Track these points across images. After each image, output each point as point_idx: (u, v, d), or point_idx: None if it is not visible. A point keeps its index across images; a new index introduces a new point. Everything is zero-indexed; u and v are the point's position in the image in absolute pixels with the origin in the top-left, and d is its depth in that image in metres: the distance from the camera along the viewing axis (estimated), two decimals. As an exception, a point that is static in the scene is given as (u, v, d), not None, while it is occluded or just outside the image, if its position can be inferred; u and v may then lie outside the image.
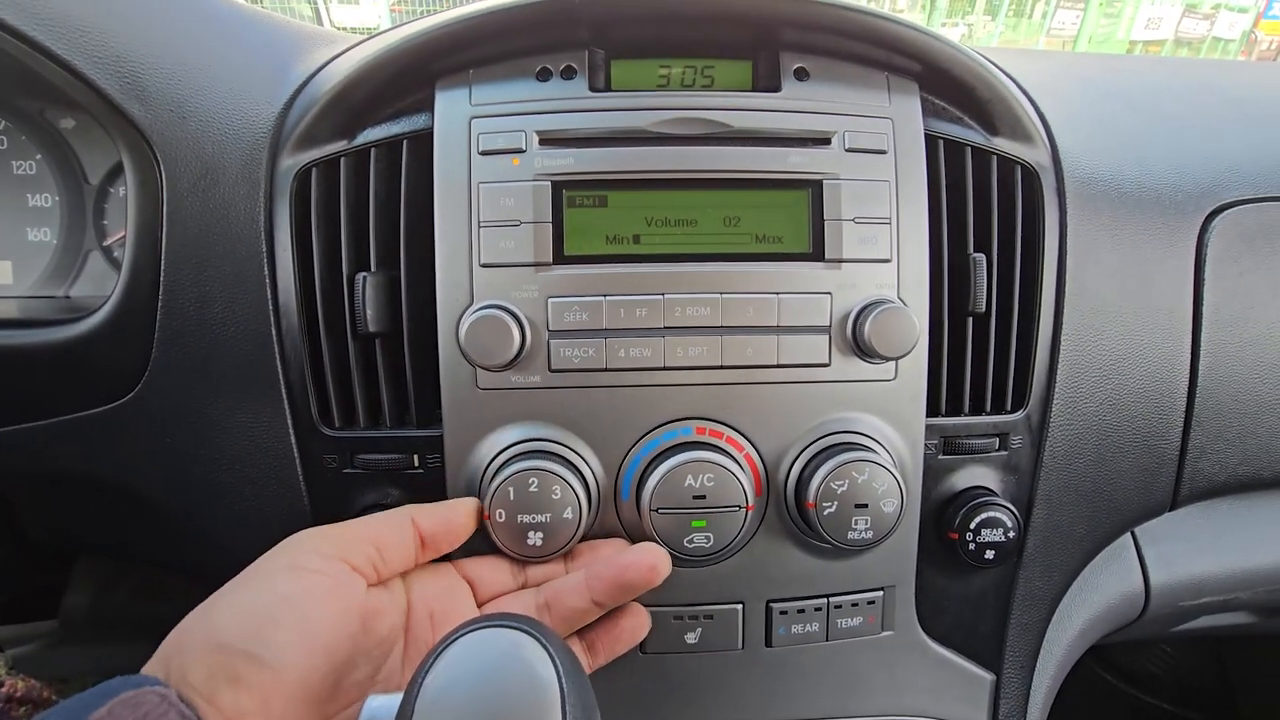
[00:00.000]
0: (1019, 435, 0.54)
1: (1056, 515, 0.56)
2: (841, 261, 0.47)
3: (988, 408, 0.53)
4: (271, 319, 0.49)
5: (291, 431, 0.50)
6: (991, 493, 0.52)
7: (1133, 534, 0.65)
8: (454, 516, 0.44)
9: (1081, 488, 0.57)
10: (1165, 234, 0.58)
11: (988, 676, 0.56)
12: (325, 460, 0.50)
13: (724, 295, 0.46)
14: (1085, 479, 0.57)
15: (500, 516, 0.44)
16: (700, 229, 0.47)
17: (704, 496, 0.45)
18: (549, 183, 0.46)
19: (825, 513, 0.45)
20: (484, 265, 0.46)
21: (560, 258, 0.46)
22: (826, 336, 0.47)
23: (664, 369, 0.46)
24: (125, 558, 0.59)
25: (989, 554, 0.51)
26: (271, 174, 0.49)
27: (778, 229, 0.47)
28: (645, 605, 0.49)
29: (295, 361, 0.50)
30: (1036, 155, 0.53)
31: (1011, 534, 0.50)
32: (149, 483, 0.52)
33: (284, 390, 0.50)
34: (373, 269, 0.48)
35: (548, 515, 0.44)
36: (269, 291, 0.49)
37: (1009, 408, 0.54)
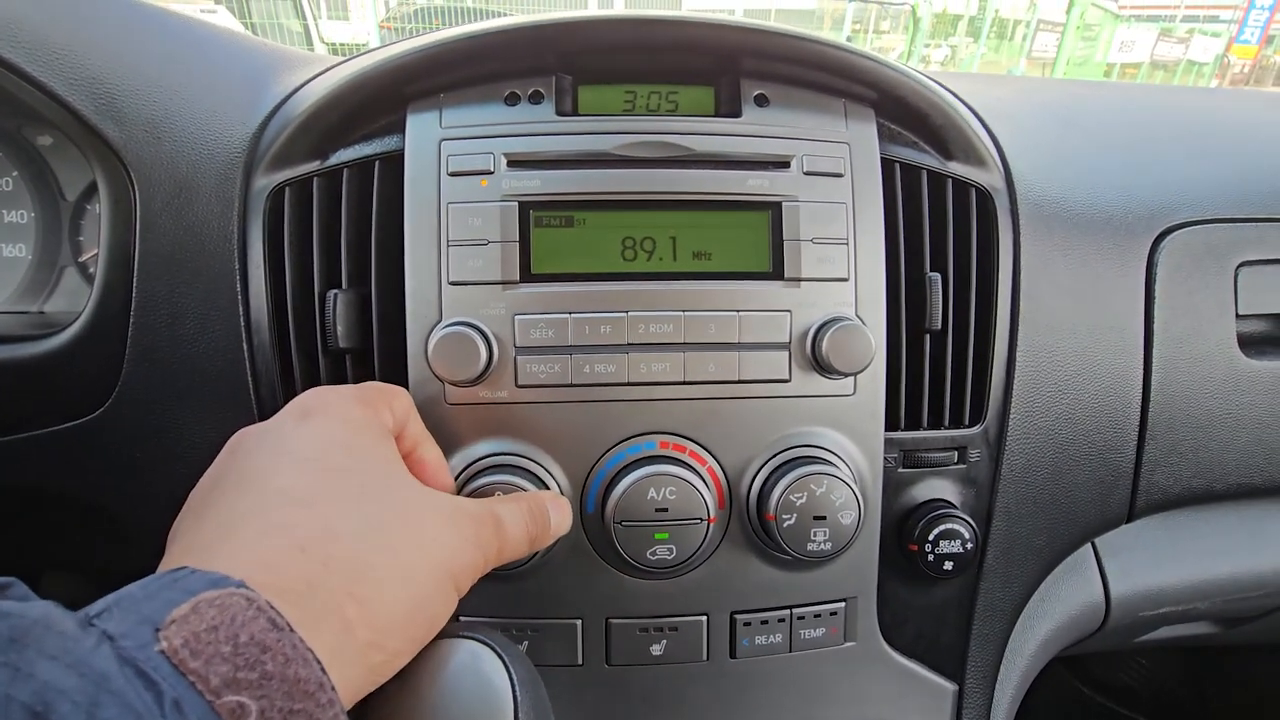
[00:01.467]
0: (977, 449, 0.55)
1: (1015, 527, 0.58)
2: (800, 280, 0.49)
3: (946, 422, 0.54)
4: (243, 335, 0.50)
5: (262, 447, 0.50)
6: (951, 505, 0.54)
7: (1093, 545, 0.67)
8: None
9: (1040, 500, 0.58)
10: (1116, 254, 0.60)
11: (950, 687, 0.57)
12: (295, 475, 0.51)
13: (686, 313, 0.47)
14: (1043, 491, 0.58)
15: (466, 529, 0.44)
16: (663, 249, 0.48)
17: (666, 509, 0.45)
18: (516, 203, 0.47)
19: (785, 524, 0.46)
20: (453, 283, 0.47)
21: (527, 276, 0.47)
22: (786, 353, 0.48)
23: (628, 384, 0.47)
24: (92, 572, 0.59)
25: (947, 565, 0.52)
26: (245, 193, 0.50)
27: (739, 249, 0.49)
28: (612, 619, 0.50)
29: (266, 377, 0.50)
30: (990, 178, 0.55)
31: (969, 545, 0.52)
32: (118, 498, 0.52)
33: (254, 406, 0.50)
34: (344, 286, 0.49)
35: (512, 528, 0.44)
36: (241, 308, 0.50)
37: (967, 422, 0.55)
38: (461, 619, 0.50)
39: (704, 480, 0.47)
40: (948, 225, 0.54)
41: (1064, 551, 0.62)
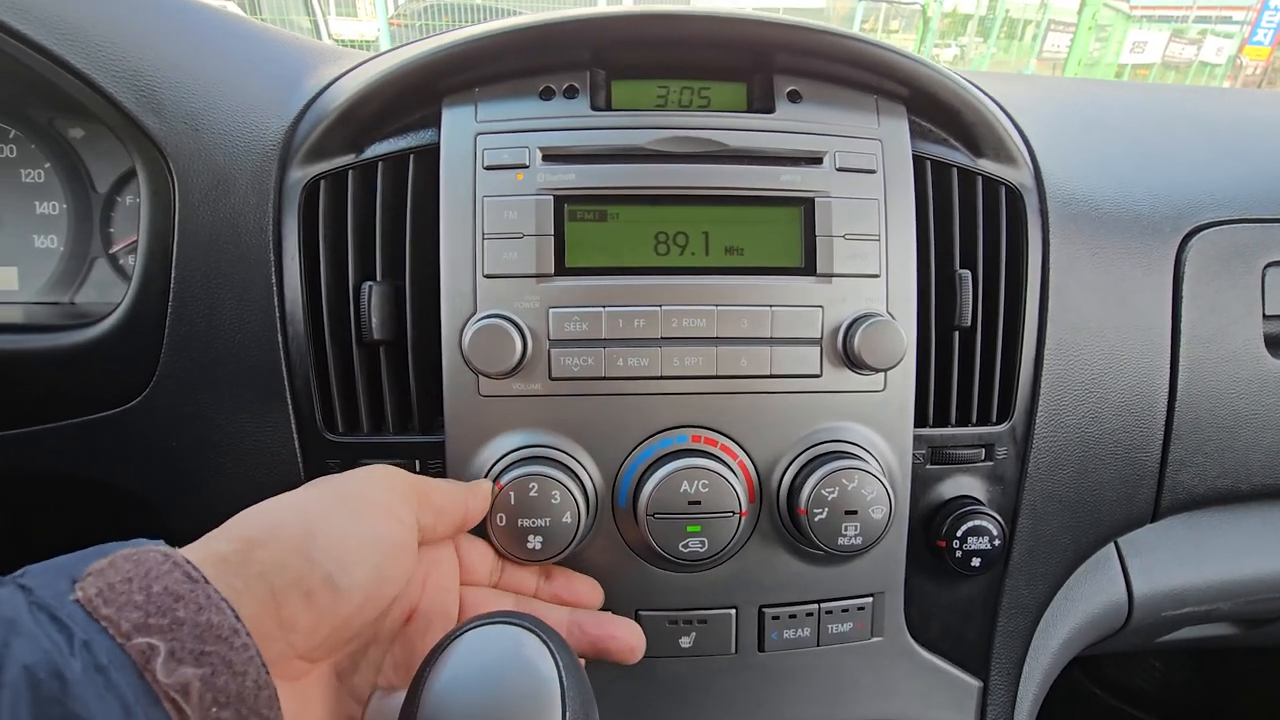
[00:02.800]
0: (1004, 446, 0.56)
1: (1041, 525, 0.58)
2: (832, 276, 0.49)
3: (974, 419, 0.55)
4: (278, 326, 0.50)
5: (295, 436, 0.51)
6: (978, 502, 0.54)
7: (1116, 545, 0.67)
8: (481, 503, 0.45)
9: (1065, 498, 0.58)
10: (1144, 254, 0.60)
11: (975, 683, 0.57)
12: (329, 465, 0.51)
13: (719, 307, 0.48)
14: (1069, 489, 0.58)
15: (501, 520, 0.45)
16: (696, 243, 0.49)
17: (699, 502, 0.46)
18: (551, 197, 0.48)
19: (816, 519, 0.46)
20: (488, 276, 0.47)
21: (561, 269, 0.48)
22: (818, 348, 0.49)
23: (660, 378, 0.48)
24: None
25: (975, 562, 0.52)
26: (280, 185, 0.51)
27: (771, 244, 0.49)
28: (642, 610, 0.50)
29: (300, 368, 0.51)
30: (1020, 176, 0.55)
31: (997, 542, 0.52)
32: (153, 486, 0.53)
33: (289, 396, 0.51)
34: (378, 279, 0.50)
35: (547, 520, 0.45)
36: (276, 300, 0.50)
37: (994, 419, 0.55)
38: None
39: (735, 474, 0.47)
40: (978, 222, 0.54)
41: (1088, 550, 0.62)
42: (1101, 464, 0.59)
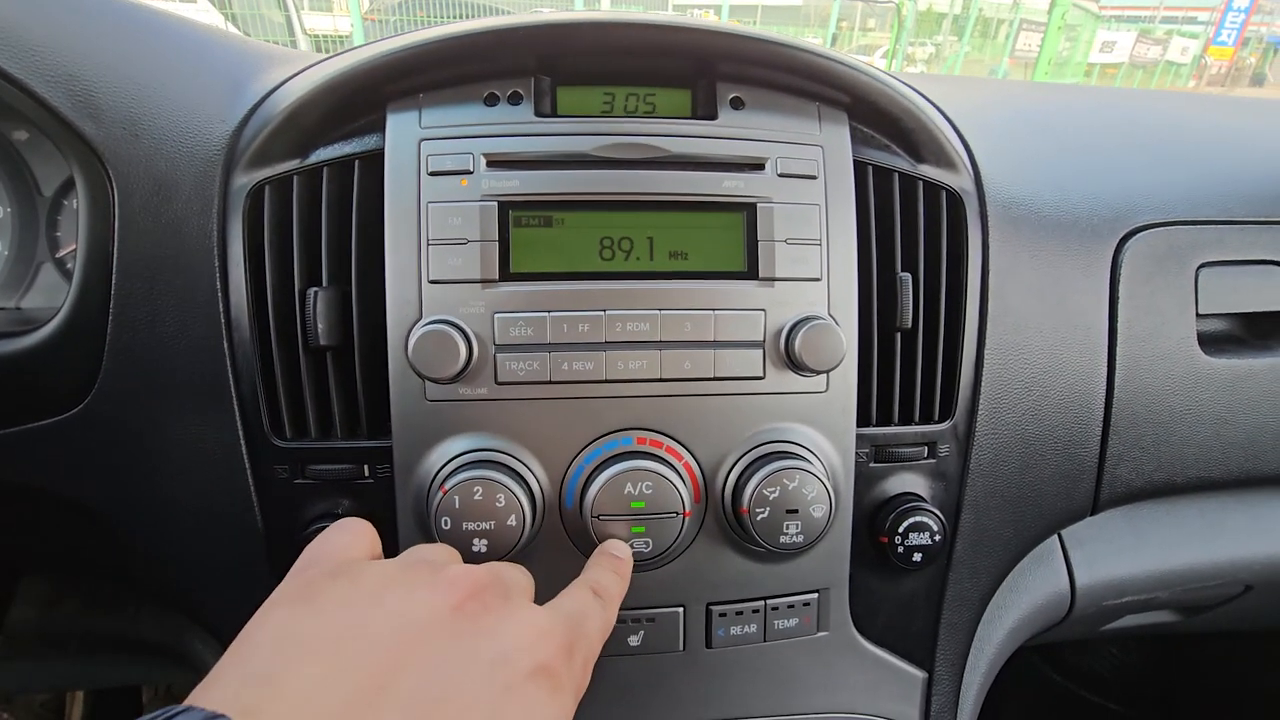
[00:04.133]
0: (946, 444, 0.57)
1: (983, 519, 0.60)
2: (774, 280, 0.50)
3: (916, 418, 0.56)
4: (224, 333, 0.50)
5: (243, 443, 0.51)
6: (920, 499, 0.55)
7: (1059, 537, 0.69)
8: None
9: (1007, 493, 0.60)
10: (1083, 255, 0.62)
11: (920, 674, 0.59)
12: (276, 471, 0.51)
13: (663, 311, 0.48)
14: (1010, 485, 0.60)
15: (446, 524, 0.45)
16: (641, 249, 0.49)
17: (643, 504, 0.47)
18: (495, 203, 0.48)
19: (758, 518, 0.47)
20: (433, 281, 0.48)
21: (506, 275, 0.48)
22: (760, 351, 0.50)
23: (605, 381, 0.48)
24: (73, 571, 0.59)
25: (917, 556, 0.53)
26: (225, 191, 0.50)
27: (714, 249, 0.50)
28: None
29: (247, 374, 0.51)
30: (960, 181, 0.57)
31: (938, 537, 0.53)
32: (97, 495, 0.52)
33: (235, 402, 0.51)
34: (324, 284, 0.50)
35: (491, 523, 0.45)
36: (221, 306, 0.50)
37: (937, 418, 0.57)
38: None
39: (680, 475, 0.48)
40: (919, 227, 0.55)
41: (1030, 543, 0.64)
42: (1042, 460, 0.61)
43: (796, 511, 0.48)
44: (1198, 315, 0.65)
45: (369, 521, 0.40)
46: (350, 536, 0.38)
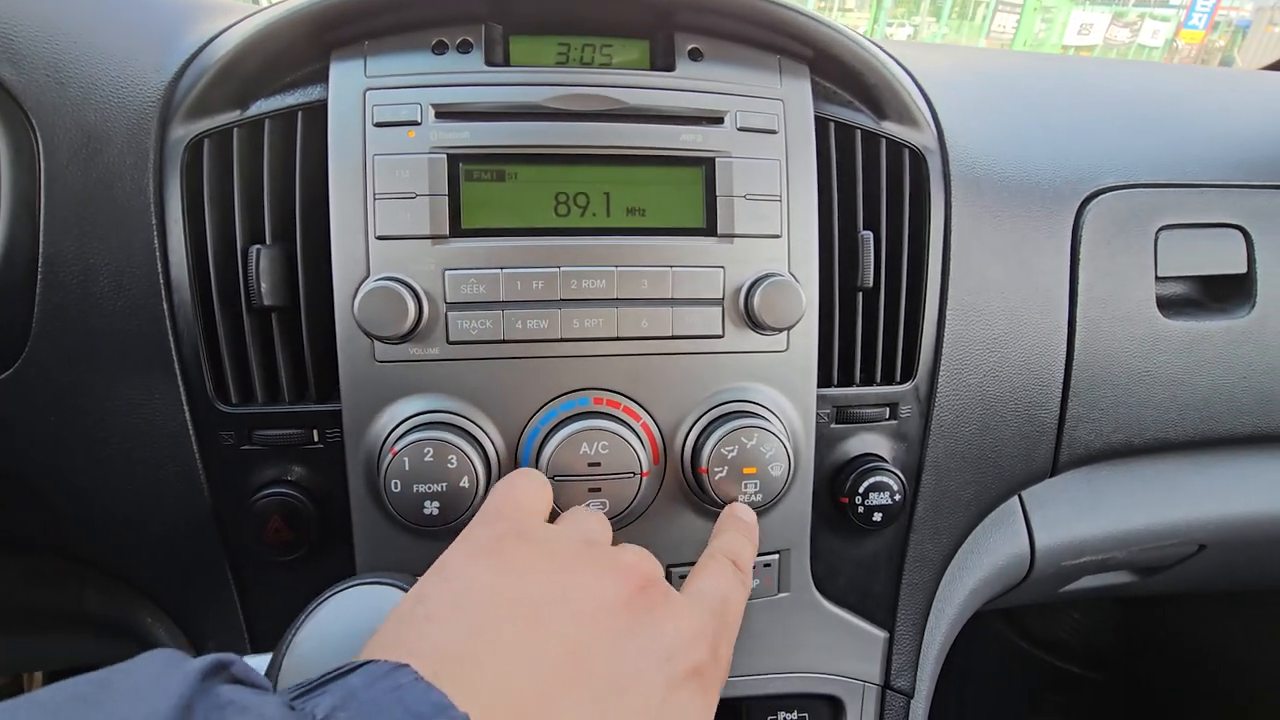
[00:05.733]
0: (908, 405, 0.57)
1: (945, 480, 0.60)
2: (734, 237, 0.49)
3: (878, 379, 0.56)
4: (163, 293, 0.48)
5: (186, 409, 0.49)
6: (881, 459, 0.55)
7: (1020, 499, 0.69)
8: None
9: (968, 454, 0.60)
10: (1044, 217, 0.62)
11: (880, 634, 0.59)
12: (222, 437, 0.49)
13: (619, 268, 0.47)
14: (971, 446, 0.60)
15: (396, 487, 0.44)
16: (597, 204, 0.48)
17: (599, 464, 0.46)
18: (444, 156, 0.46)
19: (716, 477, 0.47)
20: (380, 238, 0.46)
21: (458, 231, 0.46)
22: (720, 309, 0.49)
23: (561, 340, 0.47)
24: (10, 544, 0.57)
25: (877, 516, 0.53)
26: (161, 144, 0.48)
27: (672, 205, 0.49)
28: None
29: (189, 337, 0.49)
30: (923, 139, 0.56)
31: (898, 497, 0.53)
32: (33, 466, 0.50)
33: (177, 366, 0.49)
34: (268, 242, 0.48)
35: (444, 485, 0.44)
36: (160, 265, 0.48)
37: (898, 379, 0.56)
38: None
39: (638, 435, 0.47)
40: (881, 185, 0.55)
41: (991, 504, 0.65)
42: (1003, 421, 0.61)
43: (755, 471, 0.47)
44: (1157, 278, 0.66)
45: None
46: (537, 488, 0.37)
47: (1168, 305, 0.66)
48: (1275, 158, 0.73)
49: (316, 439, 0.49)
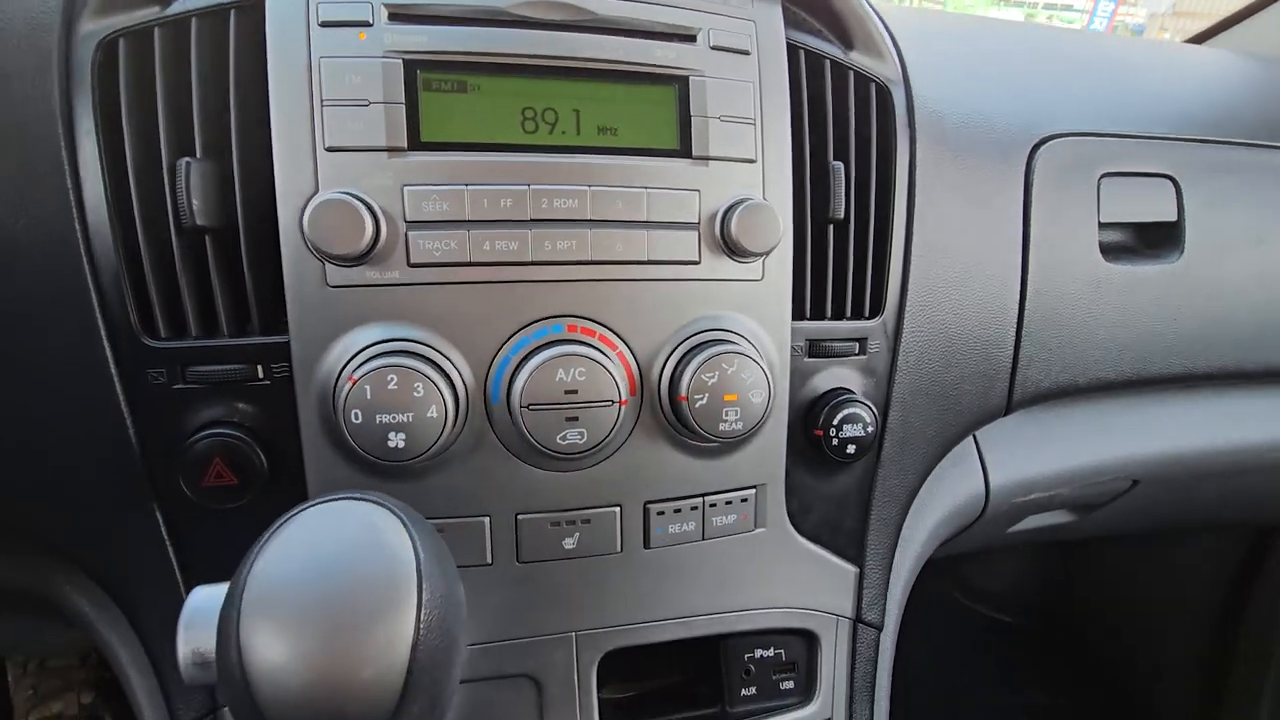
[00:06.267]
0: (876, 340, 0.57)
1: (910, 416, 0.60)
2: (709, 159, 0.47)
3: (848, 313, 0.56)
4: (75, 214, 0.43)
5: (106, 345, 0.44)
6: (853, 393, 0.55)
7: (975, 439, 0.71)
8: None
9: (931, 391, 0.61)
10: (1000, 160, 0.63)
11: (852, 569, 0.60)
12: (151, 376, 0.44)
13: (592, 188, 0.45)
14: (934, 383, 0.61)
15: (356, 418, 0.41)
16: (566, 121, 0.46)
17: (576, 391, 0.44)
18: (400, 60, 0.43)
19: (697, 404, 0.46)
20: (330, 149, 0.42)
21: (417, 144, 0.43)
22: (696, 233, 0.47)
23: (531, 263, 0.44)
24: None
25: (850, 449, 0.53)
26: (67, 44, 0.42)
27: (645, 125, 0.47)
28: (521, 514, 0.48)
29: (107, 264, 0.43)
30: (887, 73, 0.56)
31: (870, 429, 0.53)
32: None
33: (94, 297, 0.43)
34: (198, 155, 0.43)
35: (410, 415, 0.41)
36: (69, 182, 0.42)
37: (867, 314, 0.57)
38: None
39: (614, 363, 0.45)
40: (849, 115, 0.54)
41: (951, 442, 0.66)
42: (963, 359, 0.63)
43: (736, 397, 0.46)
44: (1100, 224, 0.69)
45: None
46: None
47: (1108, 250, 0.69)
48: (1203, 117, 0.77)
49: (261, 375, 0.45)
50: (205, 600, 0.30)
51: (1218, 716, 1.30)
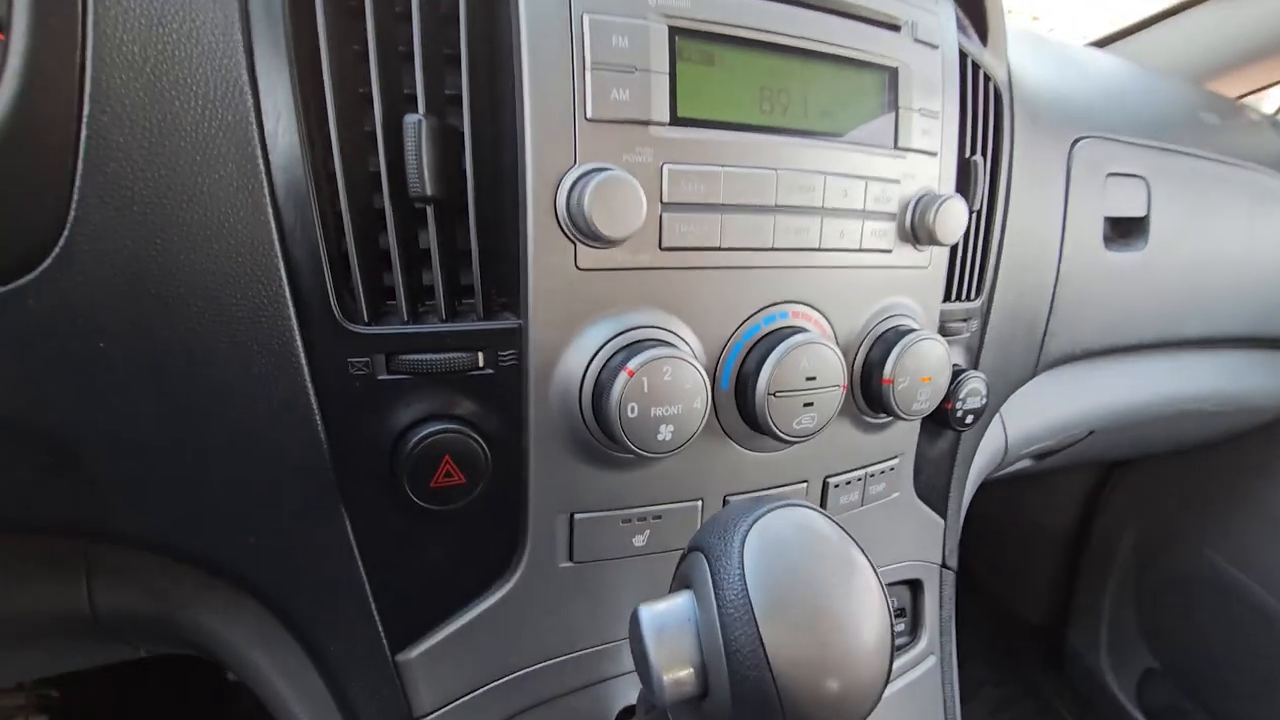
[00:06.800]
0: (974, 320, 0.63)
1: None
2: (908, 151, 0.49)
3: (964, 295, 0.61)
4: (262, 168, 0.35)
5: (296, 328, 0.37)
6: (966, 369, 0.61)
7: (996, 403, 0.82)
8: None
9: (995, 364, 0.69)
10: (1056, 154, 0.71)
11: (941, 522, 0.67)
12: (351, 365, 0.39)
13: (827, 175, 0.45)
14: (999, 357, 0.69)
15: (633, 411, 0.39)
16: (797, 103, 0.45)
17: (815, 378, 0.45)
18: (666, 25, 0.39)
19: (900, 387, 0.49)
20: (592, 120, 0.38)
21: (675, 119, 0.40)
22: (894, 223, 0.49)
23: (771, 249, 0.44)
24: (19, 530, 0.38)
25: (969, 419, 0.60)
26: None
27: (860, 111, 0.47)
28: (729, 495, 0.49)
29: (302, 233, 0.36)
30: (1003, 71, 0.61)
31: (984, 399, 0.60)
32: (67, 412, 0.34)
33: (283, 270, 0.36)
34: (422, 111, 0.37)
35: (679, 407, 0.40)
36: (255, 131, 0.35)
37: (972, 295, 0.62)
38: (575, 515, 0.44)
39: (837, 349, 0.47)
40: (986, 110, 0.58)
41: (1000, 406, 0.76)
42: (1015, 335, 0.71)
43: (930, 380, 0.50)
44: (1105, 218, 0.80)
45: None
46: None
47: (1110, 240, 0.81)
48: (1171, 123, 0.91)
49: (482, 363, 0.41)
50: (663, 618, 0.29)
51: (1066, 619, 1.62)
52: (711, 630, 0.27)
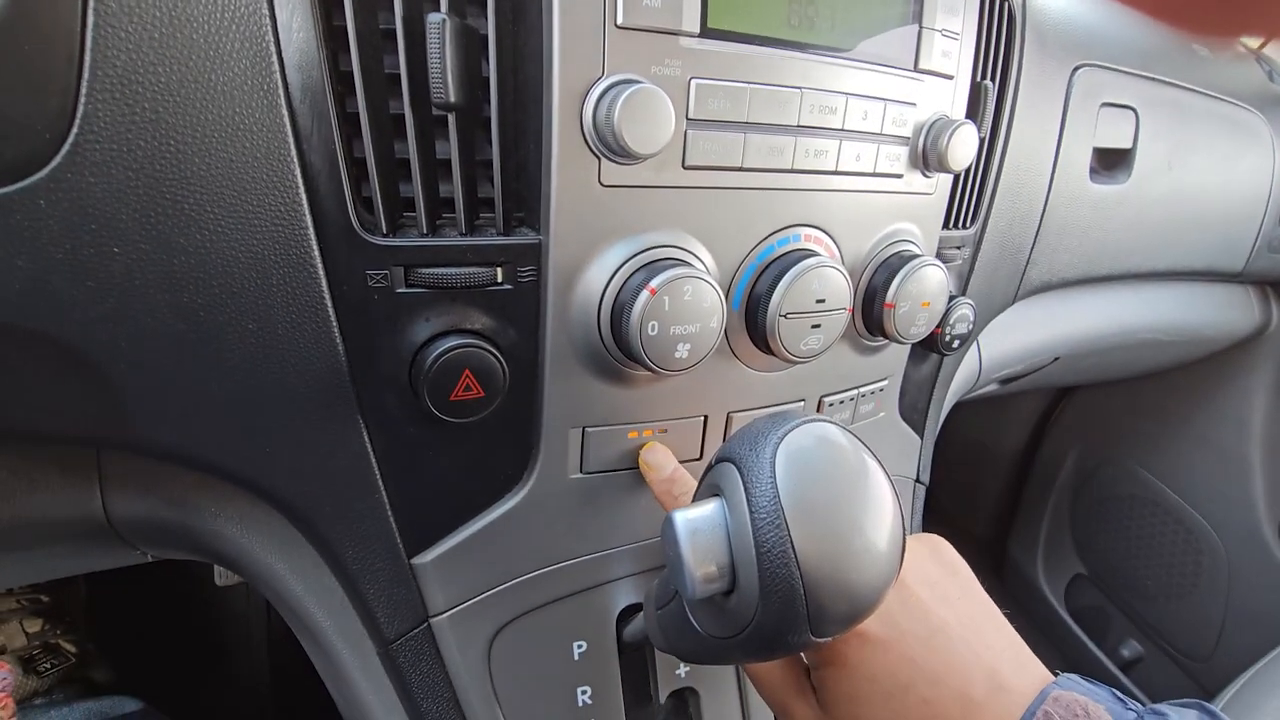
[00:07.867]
0: (968, 248, 0.65)
1: (970, 313, 0.71)
2: (926, 74, 0.49)
3: (957, 222, 0.62)
4: (276, 66, 0.33)
5: (314, 239, 0.36)
6: (955, 294, 0.63)
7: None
8: None
9: (981, 291, 0.72)
10: (1058, 80, 0.71)
11: (918, 440, 0.71)
12: (370, 278, 0.38)
13: (849, 96, 0.45)
14: (985, 283, 0.72)
15: (653, 330, 0.39)
16: (824, 20, 0.44)
17: (824, 300, 0.46)
18: (698, -76, 0.37)
19: (901, 311, 0.50)
20: (621, 27, 0.37)
21: (705, 29, 0.39)
22: (907, 148, 0.49)
23: (791, 171, 0.44)
24: (33, 439, 0.38)
25: (956, 343, 0.62)
26: None
27: (881, 29, 0.46)
28: (733, 413, 0.51)
29: (319, 138, 0.35)
30: (1019, -7, 0.60)
31: (971, 325, 0.63)
32: (82, 317, 0.33)
33: (300, 179, 0.35)
34: (445, 9, 0.35)
35: (697, 325, 0.41)
36: (269, 24, 0.33)
37: (968, 223, 0.64)
38: (587, 428, 0.46)
39: (845, 272, 0.48)
40: (995, 34, 0.58)
41: (979, 332, 0.79)
42: (1001, 262, 0.73)
43: (929, 304, 0.51)
44: (1094, 148, 0.81)
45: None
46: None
47: (1095, 171, 0.83)
48: (1165, 53, 0.91)
49: (500, 279, 0.41)
50: (695, 522, 0.31)
51: (1008, 532, 1.75)
52: (743, 532, 0.30)
